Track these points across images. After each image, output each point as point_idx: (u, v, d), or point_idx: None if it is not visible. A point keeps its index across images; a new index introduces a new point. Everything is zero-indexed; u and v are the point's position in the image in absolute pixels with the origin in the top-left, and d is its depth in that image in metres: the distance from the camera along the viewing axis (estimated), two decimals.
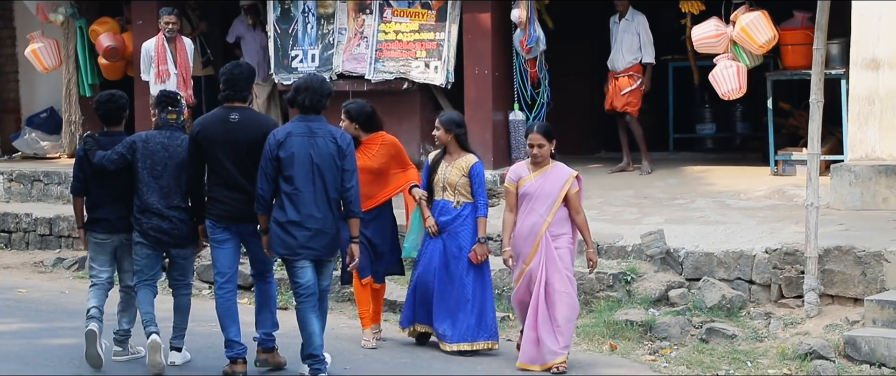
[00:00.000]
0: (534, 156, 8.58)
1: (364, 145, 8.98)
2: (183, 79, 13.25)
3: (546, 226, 8.45)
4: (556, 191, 8.48)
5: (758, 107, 14.12)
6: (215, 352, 8.66)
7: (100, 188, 8.50)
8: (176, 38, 13.34)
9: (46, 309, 10.65)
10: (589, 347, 9.35)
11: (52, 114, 16.03)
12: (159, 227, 8.38)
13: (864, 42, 11.10)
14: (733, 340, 9.17)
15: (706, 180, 12.68)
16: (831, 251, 9.42)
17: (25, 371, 8.51)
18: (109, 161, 8.41)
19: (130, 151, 8.41)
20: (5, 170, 14.80)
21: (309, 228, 7.97)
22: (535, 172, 8.58)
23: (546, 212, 8.45)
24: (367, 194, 8.78)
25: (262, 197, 8.00)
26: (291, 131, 8.03)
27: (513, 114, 13.10)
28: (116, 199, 8.46)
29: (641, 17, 13.10)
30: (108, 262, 8.62)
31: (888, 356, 8.46)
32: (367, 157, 8.92)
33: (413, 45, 13.11)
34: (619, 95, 13.13)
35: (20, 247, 13.68)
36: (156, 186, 8.37)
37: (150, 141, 8.45)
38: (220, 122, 8.20)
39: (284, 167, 7.95)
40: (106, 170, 8.41)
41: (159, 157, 8.40)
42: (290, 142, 7.96)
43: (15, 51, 16.44)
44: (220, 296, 8.33)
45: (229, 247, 8.29)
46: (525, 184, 8.56)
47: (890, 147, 10.96)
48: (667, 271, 10.06)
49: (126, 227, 8.50)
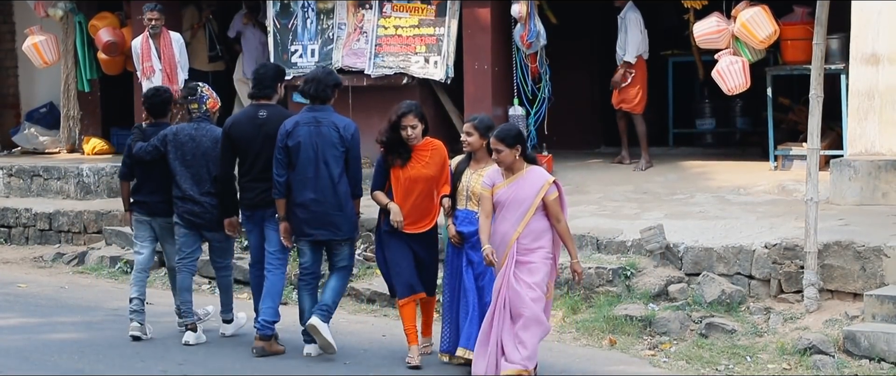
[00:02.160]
0: (499, 162, 7.86)
1: (416, 151, 8.46)
2: (167, 75, 13.00)
3: (516, 236, 7.74)
4: (529, 198, 7.74)
5: (757, 103, 14.12)
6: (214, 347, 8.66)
7: (142, 174, 9.33)
8: (161, 33, 13.17)
9: (46, 304, 10.66)
10: (588, 342, 9.35)
11: (51, 109, 16.04)
12: (192, 211, 9.13)
13: (863, 37, 11.09)
14: (733, 335, 9.17)
15: (706, 175, 12.68)
16: (831, 246, 9.42)
17: (25, 366, 8.52)
18: (145, 152, 9.22)
19: (163, 143, 9.17)
20: (5, 164, 14.79)
21: (313, 212, 8.54)
22: (508, 178, 7.85)
23: (517, 222, 7.74)
24: (426, 209, 8.50)
25: (277, 182, 8.62)
26: (299, 121, 8.61)
27: (513, 109, 13.09)
28: (155, 185, 9.24)
29: (632, 13, 13.08)
30: (147, 238, 9.41)
31: (888, 351, 8.46)
32: (421, 165, 8.45)
33: (412, 41, 13.11)
34: (616, 92, 13.16)
35: (20, 242, 13.69)
36: (188, 174, 9.10)
37: (180, 133, 9.18)
38: (249, 119, 8.90)
39: (292, 155, 8.55)
40: (143, 159, 9.22)
41: (188, 148, 9.11)
42: (296, 132, 8.54)
43: (14, 46, 16.44)
44: (252, 276, 9.17)
45: (257, 234, 9.02)
46: (498, 191, 7.83)
47: (889, 142, 10.96)
48: (666, 266, 10.06)
49: (163, 211, 9.28)
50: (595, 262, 10.12)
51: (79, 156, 15.28)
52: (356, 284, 10.62)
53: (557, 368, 8.60)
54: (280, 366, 8.59)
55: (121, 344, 9.18)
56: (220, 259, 9.44)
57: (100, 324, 9.89)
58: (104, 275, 12.09)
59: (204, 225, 9.16)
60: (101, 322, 9.99)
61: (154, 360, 8.72)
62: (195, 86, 9.51)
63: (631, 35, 12.99)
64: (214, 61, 15.36)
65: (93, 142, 15.42)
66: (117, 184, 13.89)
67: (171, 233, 9.34)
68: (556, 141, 13.66)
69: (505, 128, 7.89)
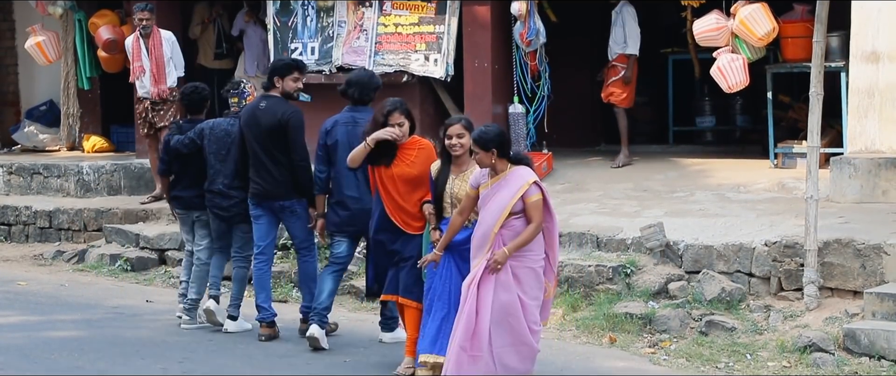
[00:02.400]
0: (478, 164, 7.64)
1: (401, 150, 8.27)
2: (154, 75, 12.84)
3: (496, 230, 7.48)
4: (507, 198, 7.51)
5: (757, 100, 14.12)
6: (215, 345, 8.67)
7: (179, 170, 9.65)
8: (152, 33, 12.97)
9: (46, 302, 10.66)
10: (588, 340, 9.35)
11: (51, 106, 16.04)
12: (221, 205, 9.42)
13: (863, 35, 11.09)
14: (733, 333, 9.17)
15: (706, 173, 12.67)
16: (831, 244, 9.42)
17: (25, 363, 8.52)
18: (182, 144, 9.52)
19: (199, 137, 9.46)
20: (5, 162, 14.79)
21: (349, 208, 8.82)
22: (492, 179, 7.61)
23: (494, 221, 7.49)
24: (413, 211, 8.22)
25: (318, 178, 8.97)
26: (337, 120, 8.91)
27: (512, 107, 13.09)
28: (191, 180, 9.56)
29: (628, 8, 13.10)
30: (190, 232, 9.79)
31: (887, 349, 8.47)
32: (405, 164, 8.25)
33: (413, 38, 13.10)
34: (605, 86, 13.17)
35: (20, 240, 13.68)
36: (221, 168, 9.39)
37: (216, 128, 9.46)
38: (252, 109, 9.25)
39: (330, 153, 8.82)
40: (180, 152, 9.51)
41: (223, 142, 9.39)
42: (335, 131, 8.85)
43: (14, 44, 16.42)
44: (255, 267, 9.36)
45: (263, 222, 9.27)
46: (482, 191, 7.62)
47: (889, 140, 10.95)
48: (666, 264, 10.06)
49: (199, 206, 9.58)
50: (595, 260, 10.12)
51: (79, 154, 15.28)
52: (357, 282, 10.61)
53: (557, 366, 8.60)
54: (280, 365, 8.59)
55: (121, 341, 9.19)
56: (240, 250, 9.58)
57: (100, 322, 9.89)
58: (104, 273, 12.09)
59: (231, 218, 9.46)
60: (100, 320, 9.99)
61: (154, 358, 8.72)
62: (239, 81, 9.96)
63: (630, 28, 13.00)
64: (220, 59, 15.36)
65: (93, 139, 15.42)
66: (117, 181, 14.01)
67: (203, 225, 9.64)
68: (556, 139, 13.65)
69: (483, 130, 7.59)
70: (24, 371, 8.33)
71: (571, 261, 10.13)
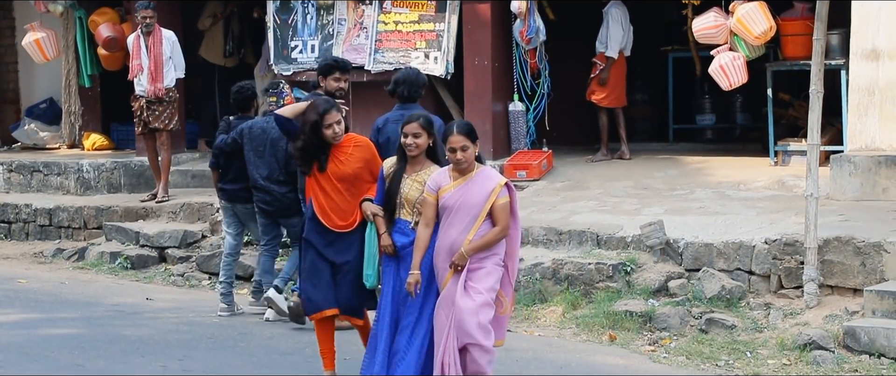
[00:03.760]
0: (456, 163, 7.11)
1: (334, 150, 7.70)
2: (151, 73, 12.83)
3: (466, 244, 7.03)
4: (480, 202, 7.03)
5: (757, 98, 14.11)
6: (215, 343, 8.62)
7: (226, 164, 10.02)
8: (153, 31, 12.93)
9: (46, 300, 10.66)
10: (588, 338, 9.35)
11: (51, 104, 16.04)
12: (264, 200, 9.77)
13: (863, 32, 11.09)
14: (733, 331, 9.17)
15: (706, 171, 12.67)
16: (831, 242, 9.42)
17: (25, 361, 8.52)
18: (224, 144, 9.95)
19: (240, 136, 9.82)
20: (5, 160, 14.80)
21: None
22: (456, 181, 7.11)
23: (466, 229, 7.03)
24: (345, 208, 7.69)
25: None
26: (389, 118, 9.09)
27: (512, 104, 13.09)
28: (235, 175, 9.93)
29: (615, 9, 13.13)
30: (231, 224, 10.21)
31: (887, 346, 8.47)
32: (337, 162, 7.68)
33: (413, 36, 13.10)
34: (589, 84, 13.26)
35: (20, 238, 13.69)
36: (260, 164, 9.69)
37: (254, 127, 9.80)
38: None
39: (382, 151, 8.33)
40: (224, 150, 9.94)
41: (260, 140, 9.70)
42: (386, 129, 8.99)
43: (14, 42, 16.43)
44: None
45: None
46: (445, 194, 7.11)
47: (890, 137, 10.95)
48: (666, 262, 10.06)
49: (242, 198, 9.98)
50: (595, 258, 10.12)
51: (79, 152, 15.29)
52: None
53: (557, 363, 8.60)
54: (281, 363, 8.58)
55: (121, 339, 9.19)
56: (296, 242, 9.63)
57: (100, 320, 9.89)
58: (104, 271, 12.10)
59: (276, 212, 9.79)
60: (101, 317, 9.99)
61: (154, 356, 8.72)
62: (278, 82, 10.35)
63: (612, 30, 13.10)
64: (227, 57, 15.38)
65: (93, 137, 15.43)
66: (117, 180, 14.05)
67: (251, 217, 10.06)
68: (555, 137, 13.65)
69: (464, 124, 7.16)
70: (24, 369, 8.33)
71: (571, 259, 10.14)
